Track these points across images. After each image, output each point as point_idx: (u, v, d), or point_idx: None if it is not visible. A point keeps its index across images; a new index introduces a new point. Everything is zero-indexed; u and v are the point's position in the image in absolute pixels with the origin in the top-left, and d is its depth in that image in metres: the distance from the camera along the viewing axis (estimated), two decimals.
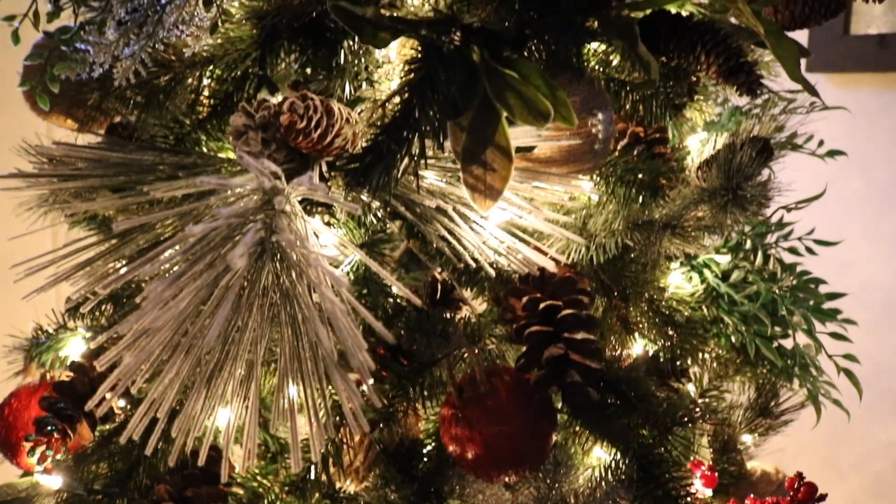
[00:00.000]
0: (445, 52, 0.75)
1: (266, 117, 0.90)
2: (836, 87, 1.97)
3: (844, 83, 1.96)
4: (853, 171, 1.91)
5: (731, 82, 0.86)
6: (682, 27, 0.88)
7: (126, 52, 0.73)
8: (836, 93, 1.97)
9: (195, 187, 0.91)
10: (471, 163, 0.72)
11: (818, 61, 1.92)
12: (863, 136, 1.90)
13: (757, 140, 0.96)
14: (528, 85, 0.75)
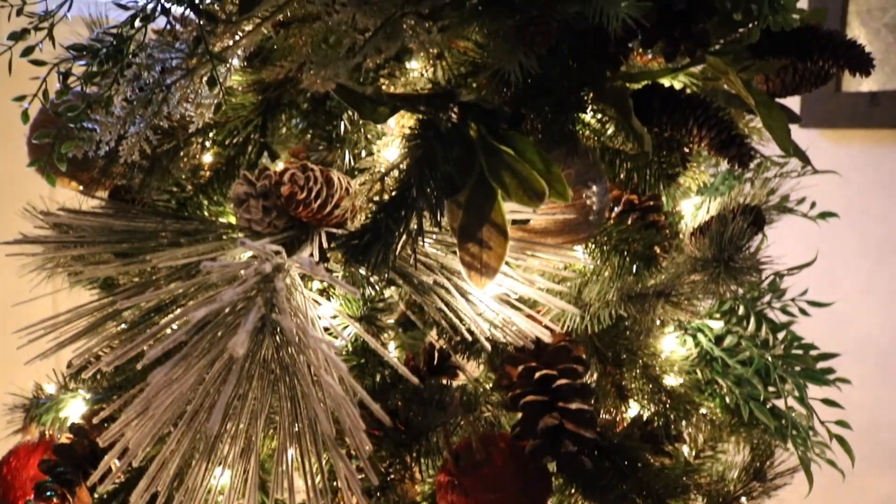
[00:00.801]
0: (443, 130, 0.77)
1: (267, 186, 0.92)
2: (828, 142, 1.99)
3: (837, 139, 1.99)
4: (846, 226, 1.93)
5: (723, 155, 0.89)
6: (675, 100, 0.90)
7: (131, 130, 0.75)
8: (828, 148, 2.00)
9: (196, 255, 0.92)
10: (467, 240, 0.74)
11: (811, 117, 1.95)
12: (855, 191, 1.92)
13: (748, 209, 0.98)
14: (524, 162, 0.77)
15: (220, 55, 0.75)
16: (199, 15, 0.74)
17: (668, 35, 0.83)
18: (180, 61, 0.76)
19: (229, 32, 0.77)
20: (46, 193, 1.16)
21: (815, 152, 1.88)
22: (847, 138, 1.97)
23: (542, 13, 0.70)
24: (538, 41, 0.69)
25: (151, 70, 0.76)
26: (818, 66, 0.97)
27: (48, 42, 0.83)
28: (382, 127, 0.97)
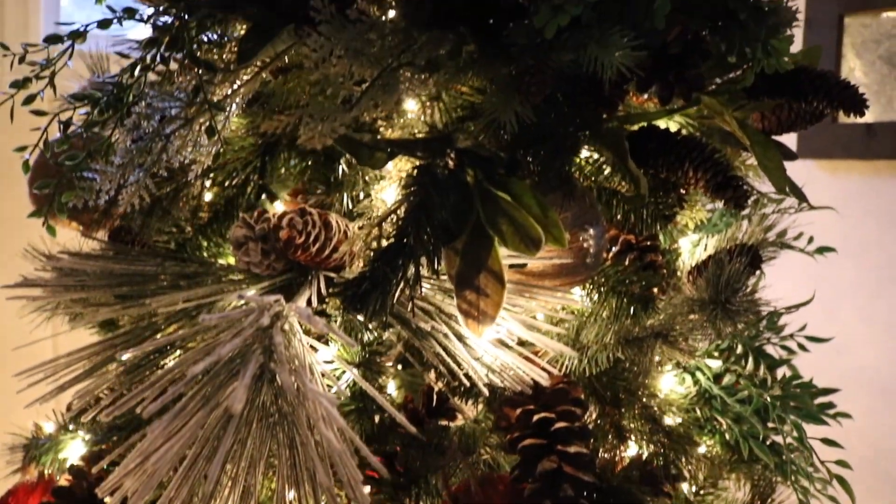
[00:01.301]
0: (439, 176, 0.78)
1: (265, 229, 0.93)
2: (825, 173, 2.00)
3: (833, 169, 2.00)
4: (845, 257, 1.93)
5: (719, 197, 0.89)
6: (671, 143, 0.91)
7: (131, 179, 0.75)
8: (825, 179, 2.01)
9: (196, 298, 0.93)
10: (464, 288, 0.75)
11: (808, 149, 1.96)
12: (853, 221, 1.93)
13: (745, 249, 0.99)
14: (521, 208, 0.78)
15: (219, 104, 0.76)
16: (198, 65, 0.75)
17: (663, 79, 0.84)
18: (179, 110, 0.77)
19: (228, 81, 0.78)
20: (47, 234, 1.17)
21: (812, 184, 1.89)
22: (844, 169, 1.98)
23: (537, 63, 0.71)
24: (533, 91, 0.70)
25: (151, 119, 0.76)
26: (812, 107, 0.98)
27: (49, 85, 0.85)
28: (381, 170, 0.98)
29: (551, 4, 0.67)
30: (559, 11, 0.67)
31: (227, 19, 0.83)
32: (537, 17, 0.67)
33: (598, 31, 0.70)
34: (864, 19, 1.88)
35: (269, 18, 0.79)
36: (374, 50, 0.68)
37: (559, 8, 0.67)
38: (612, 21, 0.72)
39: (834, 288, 1.97)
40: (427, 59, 0.70)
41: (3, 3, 2.04)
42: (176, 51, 0.76)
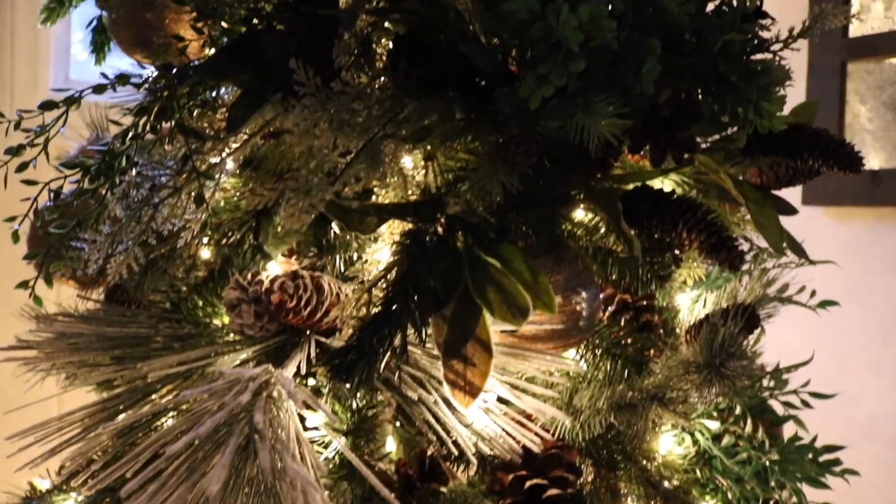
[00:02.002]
0: (428, 244, 0.77)
1: (258, 292, 0.93)
2: (831, 219, 1.99)
3: (839, 216, 1.98)
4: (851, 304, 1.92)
5: (713, 258, 0.88)
6: (664, 203, 0.91)
7: (119, 248, 0.75)
8: (830, 226, 1.99)
9: (189, 361, 0.93)
10: (451, 357, 0.74)
11: (813, 195, 1.95)
12: (859, 269, 1.91)
13: (742, 309, 0.98)
14: (510, 275, 0.77)
15: (207, 173, 0.76)
16: (186, 134, 0.75)
17: (655, 143, 0.84)
18: (168, 178, 0.77)
19: (217, 149, 0.79)
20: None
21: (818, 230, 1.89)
22: (849, 216, 1.97)
23: (523, 132, 0.71)
24: (519, 161, 0.70)
25: (140, 187, 0.77)
26: (808, 165, 0.98)
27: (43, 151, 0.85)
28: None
29: (536, 75, 0.67)
30: (543, 82, 0.66)
31: (219, 85, 0.84)
32: (522, 88, 0.67)
33: (583, 100, 0.70)
34: (868, 66, 1.88)
35: (260, 85, 0.79)
36: (360, 120, 0.68)
37: (543, 79, 0.67)
38: (600, 87, 0.72)
39: (841, 336, 1.95)
40: (414, 127, 0.69)
41: (13, 53, 2.07)
42: (165, 120, 0.76)
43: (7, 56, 2.08)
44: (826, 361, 1.21)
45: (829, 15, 0.88)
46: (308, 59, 0.75)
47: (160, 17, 1.00)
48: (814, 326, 1.40)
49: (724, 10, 0.91)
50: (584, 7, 0.66)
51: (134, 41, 1.03)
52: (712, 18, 0.86)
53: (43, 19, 1.09)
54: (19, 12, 2.05)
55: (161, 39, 1.01)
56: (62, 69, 2.15)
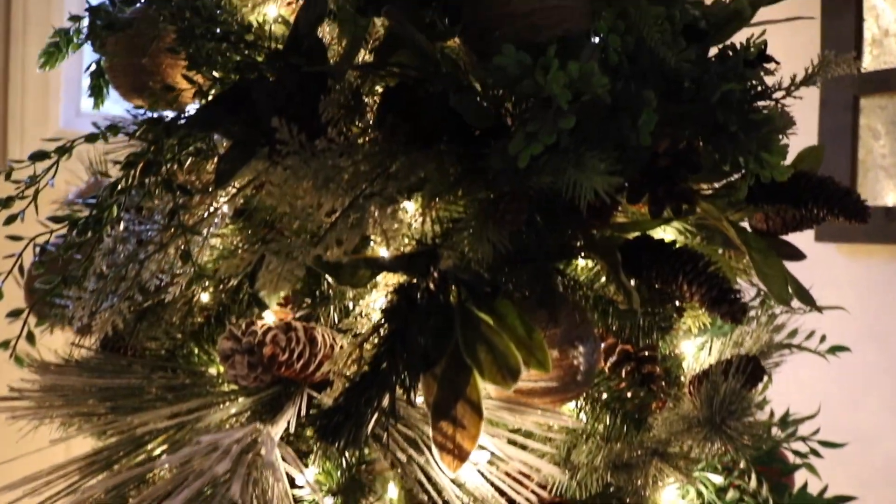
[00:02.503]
0: (419, 302, 0.76)
1: (252, 343, 0.91)
2: (845, 257, 1.96)
3: (853, 253, 1.95)
4: (867, 343, 1.88)
5: (714, 311, 0.86)
6: (664, 255, 0.89)
7: (105, 305, 0.74)
8: (844, 264, 1.96)
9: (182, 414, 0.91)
10: (440, 418, 0.72)
11: (826, 232, 1.92)
12: (875, 306, 1.88)
13: (745, 361, 0.95)
14: (502, 333, 0.76)
15: (195, 228, 0.75)
16: (172, 190, 0.74)
17: (653, 194, 0.82)
18: (155, 233, 0.76)
19: (205, 203, 0.77)
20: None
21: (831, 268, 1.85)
22: (864, 253, 1.94)
23: (514, 189, 0.69)
24: (509, 220, 0.68)
25: (127, 242, 0.75)
26: (813, 213, 0.95)
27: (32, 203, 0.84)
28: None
29: (525, 131, 0.65)
30: (533, 140, 0.65)
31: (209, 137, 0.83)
32: (511, 145, 0.66)
33: (575, 156, 0.68)
34: (881, 101, 1.85)
35: (250, 136, 0.78)
36: (346, 177, 0.67)
37: (533, 136, 0.65)
38: (593, 142, 0.70)
39: (857, 375, 1.90)
40: (403, 184, 0.68)
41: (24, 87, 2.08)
42: (152, 174, 0.75)
43: (17, 90, 2.09)
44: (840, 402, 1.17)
45: (834, 62, 0.86)
46: (296, 111, 0.74)
47: (156, 62, 0.99)
48: (826, 365, 1.37)
49: (727, 55, 0.90)
50: (573, 64, 0.64)
51: (131, 87, 1.02)
52: (713, 65, 0.85)
53: (42, 63, 1.09)
54: (30, 46, 2.06)
55: (158, 85, 1.01)
56: (73, 103, 2.16)
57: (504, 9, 0.77)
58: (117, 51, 0.97)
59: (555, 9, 0.78)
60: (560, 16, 0.78)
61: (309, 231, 0.64)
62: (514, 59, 0.68)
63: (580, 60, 0.66)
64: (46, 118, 2.09)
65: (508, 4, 0.77)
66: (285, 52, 0.77)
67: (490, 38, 0.78)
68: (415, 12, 0.75)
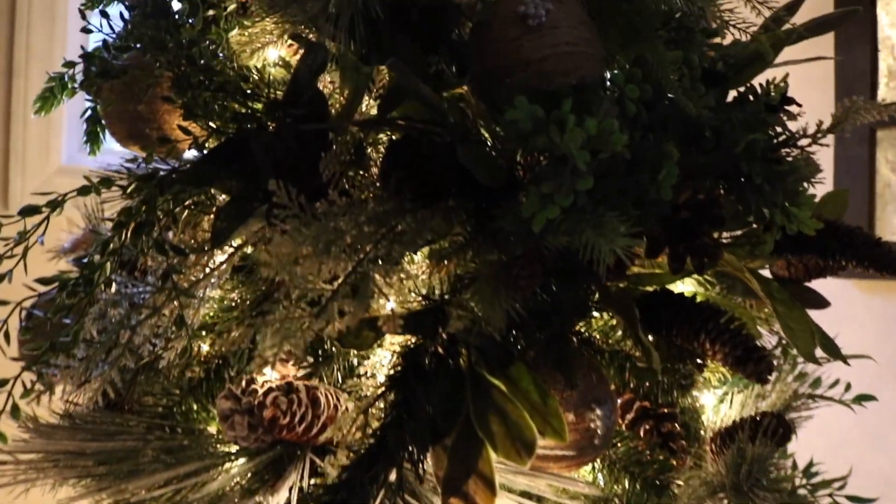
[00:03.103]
0: (427, 367, 0.71)
1: (252, 403, 0.87)
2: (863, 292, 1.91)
3: (872, 289, 1.90)
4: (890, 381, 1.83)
5: (739, 371, 0.82)
6: (685, 311, 0.84)
7: (95, 373, 0.70)
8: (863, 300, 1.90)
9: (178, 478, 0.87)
10: (451, 494, 0.67)
11: None
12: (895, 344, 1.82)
13: (772, 420, 0.91)
14: (516, 402, 0.71)
15: (189, 291, 0.71)
16: (164, 253, 0.70)
17: (674, 250, 0.77)
18: (148, 296, 0.72)
19: (201, 263, 0.73)
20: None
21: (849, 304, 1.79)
22: (883, 289, 1.88)
23: (528, 251, 0.65)
24: (522, 285, 0.64)
25: (118, 306, 0.71)
26: (840, 265, 0.91)
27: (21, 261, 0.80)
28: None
29: (539, 193, 0.61)
30: (548, 202, 0.61)
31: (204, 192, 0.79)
32: (524, 206, 0.62)
33: (593, 217, 0.64)
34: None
35: (248, 192, 0.74)
36: (348, 241, 0.63)
37: (548, 198, 0.61)
38: (612, 201, 0.66)
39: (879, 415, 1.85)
40: (409, 248, 0.64)
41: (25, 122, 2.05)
42: (144, 234, 0.71)
43: (19, 124, 2.06)
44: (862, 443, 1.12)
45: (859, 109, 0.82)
46: (296, 166, 0.70)
47: (153, 109, 0.96)
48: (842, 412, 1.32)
49: (748, 99, 0.86)
50: (591, 120, 0.60)
51: (127, 134, 0.99)
52: (734, 111, 0.81)
53: (37, 109, 1.06)
54: (32, 80, 2.03)
55: (155, 132, 0.97)
56: (76, 137, 2.13)
57: (515, 55, 0.73)
58: (112, 97, 0.94)
59: (567, 55, 0.74)
60: (573, 62, 0.74)
61: (309, 299, 0.60)
62: (526, 113, 0.64)
63: (597, 114, 0.62)
64: (49, 153, 2.06)
65: (519, 51, 0.73)
66: (284, 103, 0.74)
67: (500, 85, 0.74)
68: (420, 60, 0.71)
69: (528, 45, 0.73)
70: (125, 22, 0.90)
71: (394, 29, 0.71)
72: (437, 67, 0.74)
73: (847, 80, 1.79)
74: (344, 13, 0.66)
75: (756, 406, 1.04)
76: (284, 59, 0.95)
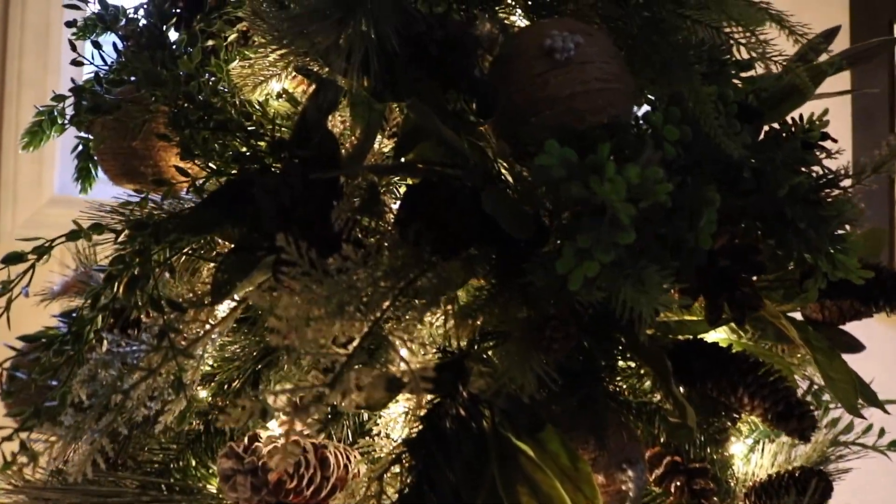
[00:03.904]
0: (447, 430, 0.65)
1: (255, 463, 0.80)
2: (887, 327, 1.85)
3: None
4: None
5: (780, 428, 0.76)
6: (721, 363, 0.78)
7: (83, 440, 0.64)
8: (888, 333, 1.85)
9: None
10: None
11: None
12: None
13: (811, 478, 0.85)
14: (545, 468, 0.65)
15: (187, 351, 0.65)
16: (160, 309, 0.64)
17: (712, 301, 0.71)
18: (142, 355, 0.66)
19: (200, 319, 0.67)
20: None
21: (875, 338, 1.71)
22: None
23: (561, 311, 0.59)
24: (556, 349, 0.58)
25: (109, 367, 0.65)
26: (881, 310, 0.86)
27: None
28: None
29: (575, 248, 0.55)
30: (586, 257, 0.55)
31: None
32: (559, 263, 0.56)
33: (633, 272, 0.58)
34: None
35: (252, 241, 0.68)
36: (364, 300, 0.57)
37: (586, 253, 0.55)
38: (651, 247, 0.60)
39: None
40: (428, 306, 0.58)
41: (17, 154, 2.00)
42: (137, 289, 0.65)
43: (11, 153, 2.00)
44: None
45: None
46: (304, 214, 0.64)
47: (148, 145, 0.90)
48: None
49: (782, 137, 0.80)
50: (632, 168, 0.54)
51: (121, 171, 0.92)
52: (773, 150, 0.75)
53: (24, 144, 1.00)
54: (24, 109, 1.98)
55: (149, 170, 0.91)
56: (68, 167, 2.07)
57: (542, 92, 0.67)
58: (105, 133, 0.88)
59: (599, 92, 0.68)
60: (605, 99, 0.68)
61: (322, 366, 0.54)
62: (558, 158, 0.58)
63: (638, 160, 0.56)
64: (41, 183, 2.00)
65: (545, 87, 0.68)
66: (291, 144, 0.68)
67: (524, 124, 0.68)
68: (439, 98, 0.65)
69: (554, 81, 0.67)
70: (118, 53, 0.85)
71: (410, 63, 0.65)
72: (456, 105, 0.68)
73: (865, 106, 1.73)
74: (357, 49, 0.60)
75: (789, 454, 0.98)
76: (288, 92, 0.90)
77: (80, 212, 0.83)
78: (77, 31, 0.89)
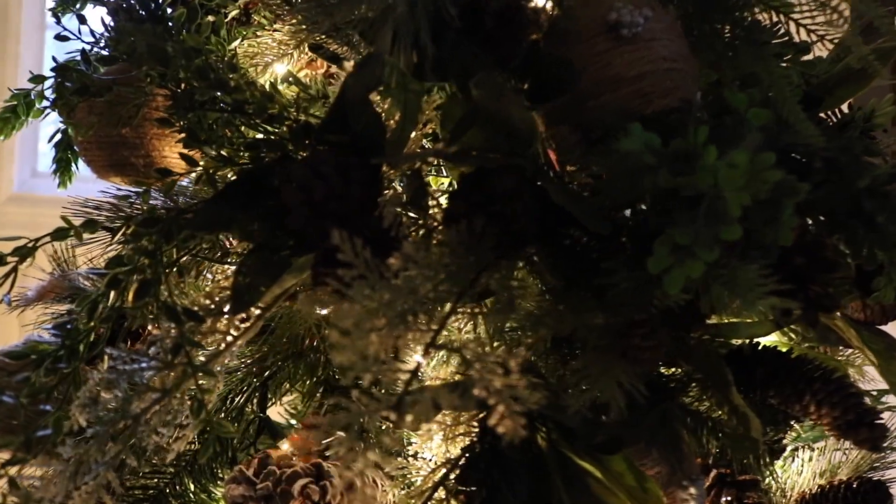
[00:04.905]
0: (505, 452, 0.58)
1: (269, 489, 0.72)
2: None
3: None
4: None
5: (850, 438, 0.70)
6: (786, 371, 0.72)
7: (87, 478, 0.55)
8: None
9: None
10: None
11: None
12: None
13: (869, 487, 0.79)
14: (618, 493, 0.58)
15: (207, 368, 0.56)
16: (175, 319, 0.55)
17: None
18: (154, 373, 0.57)
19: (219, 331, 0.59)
20: None
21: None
22: None
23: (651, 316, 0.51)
24: (646, 358, 0.50)
25: (114, 387, 0.56)
26: None
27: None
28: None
29: (671, 243, 0.48)
30: (687, 256, 0.47)
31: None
32: (651, 262, 0.48)
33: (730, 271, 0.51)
34: None
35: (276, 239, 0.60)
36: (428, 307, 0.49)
37: (686, 252, 0.47)
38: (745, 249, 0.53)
39: None
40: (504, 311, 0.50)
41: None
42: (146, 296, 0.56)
43: None
44: None
45: None
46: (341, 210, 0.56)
47: (140, 133, 0.81)
48: None
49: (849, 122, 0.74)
50: (740, 154, 0.47)
51: (108, 162, 0.83)
52: (848, 140, 0.69)
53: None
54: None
55: (141, 161, 0.82)
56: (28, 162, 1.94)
57: (605, 72, 0.60)
58: (91, 119, 0.78)
59: (667, 72, 0.61)
60: (673, 81, 0.61)
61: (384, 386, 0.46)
62: (643, 144, 0.50)
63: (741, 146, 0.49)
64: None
65: (609, 66, 0.60)
66: (324, 128, 0.59)
67: (582, 108, 0.61)
68: (498, 77, 0.57)
69: (619, 61, 0.60)
70: (109, 29, 0.75)
71: (460, 38, 0.57)
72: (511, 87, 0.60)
73: None
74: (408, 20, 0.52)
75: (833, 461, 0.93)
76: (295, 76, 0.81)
77: (64, 208, 0.74)
78: (58, 5, 0.80)
